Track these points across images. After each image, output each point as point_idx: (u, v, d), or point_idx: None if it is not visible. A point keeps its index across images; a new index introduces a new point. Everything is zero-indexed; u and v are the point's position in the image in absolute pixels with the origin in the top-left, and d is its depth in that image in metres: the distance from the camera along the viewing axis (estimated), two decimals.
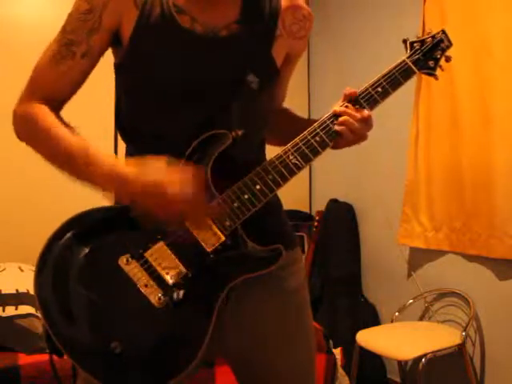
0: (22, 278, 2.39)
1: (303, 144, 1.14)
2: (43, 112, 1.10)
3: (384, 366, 3.06)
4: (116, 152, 2.94)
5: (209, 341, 1.08)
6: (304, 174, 3.69)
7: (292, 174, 1.13)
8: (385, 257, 3.15)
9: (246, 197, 1.09)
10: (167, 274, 1.08)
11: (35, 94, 1.12)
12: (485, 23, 2.44)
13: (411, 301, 2.85)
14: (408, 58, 1.19)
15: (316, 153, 1.15)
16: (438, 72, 1.20)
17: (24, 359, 2.01)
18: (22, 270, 2.47)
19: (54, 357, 1.33)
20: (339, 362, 2.50)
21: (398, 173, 2.93)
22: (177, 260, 1.08)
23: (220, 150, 1.08)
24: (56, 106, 1.13)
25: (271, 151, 1.22)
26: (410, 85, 2.78)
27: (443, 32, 1.22)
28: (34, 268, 2.57)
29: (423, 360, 2.36)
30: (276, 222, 1.24)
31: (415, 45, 1.20)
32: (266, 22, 1.17)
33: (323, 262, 3.35)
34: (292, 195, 3.70)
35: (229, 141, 1.08)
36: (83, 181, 1.06)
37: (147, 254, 1.08)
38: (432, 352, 2.38)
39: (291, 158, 1.13)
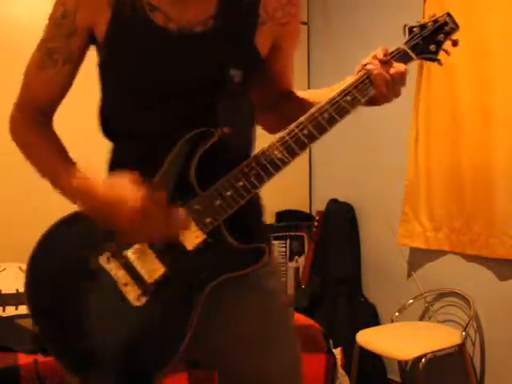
0: (22, 278, 2.38)
1: (290, 137, 1.07)
2: (27, 125, 1.15)
3: (384, 366, 3.06)
4: None
5: (190, 341, 1.07)
6: (304, 173, 3.69)
7: (277, 169, 1.07)
8: (385, 257, 3.15)
9: (228, 193, 1.06)
10: (146, 273, 1.08)
11: (27, 102, 1.16)
12: (485, 23, 2.44)
13: (411, 301, 2.85)
14: (405, 43, 1.15)
15: (303, 146, 1.08)
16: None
17: (24, 359, 2.01)
18: (22, 270, 2.47)
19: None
20: (339, 362, 2.50)
21: (398, 173, 2.93)
22: (157, 259, 1.08)
23: (205, 148, 1.06)
24: (47, 111, 1.16)
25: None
26: (410, 85, 2.79)
27: (448, 15, 1.17)
28: None
29: (423, 360, 2.36)
30: (257, 222, 1.22)
31: (414, 29, 1.16)
32: (245, 12, 1.14)
33: (323, 262, 3.35)
34: (292, 195, 3.71)
35: (214, 138, 1.06)
36: (59, 190, 1.11)
37: (128, 253, 1.08)
38: (432, 352, 2.38)
39: (276, 152, 1.07)
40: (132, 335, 1.08)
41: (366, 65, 1.13)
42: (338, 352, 2.54)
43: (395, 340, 2.54)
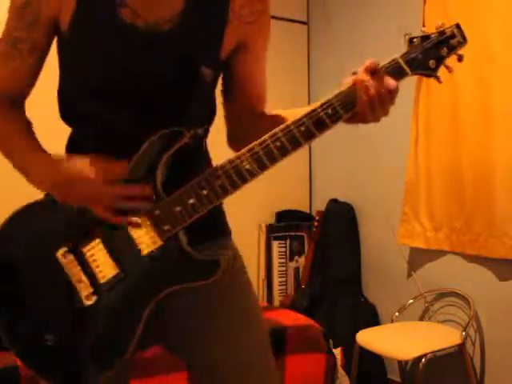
0: None
1: (261, 148, 1.00)
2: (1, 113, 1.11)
3: (384, 366, 3.06)
4: None
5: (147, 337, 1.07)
6: (304, 173, 3.69)
7: (244, 181, 1.01)
8: (385, 257, 3.15)
9: (190, 201, 1.01)
10: (100, 272, 1.06)
11: None
12: (485, 24, 2.44)
13: (411, 301, 2.85)
14: (402, 56, 1.02)
15: (273, 159, 1.00)
16: (443, 74, 1.04)
17: None
18: None
19: None
20: (339, 362, 2.50)
21: (398, 173, 2.93)
22: (111, 259, 1.05)
23: (174, 149, 1.02)
24: (18, 99, 1.14)
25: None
26: (410, 85, 2.79)
27: (457, 26, 1.05)
28: None
29: (423, 360, 2.36)
30: (217, 228, 1.18)
31: (414, 40, 1.03)
32: (214, 9, 1.09)
33: (323, 262, 3.35)
34: (292, 195, 3.71)
35: (185, 139, 1.02)
36: (22, 173, 1.10)
37: (84, 249, 1.06)
38: (432, 352, 2.38)
39: (245, 163, 1.00)
40: (84, 332, 1.07)
41: (353, 75, 1.04)
42: (338, 352, 2.54)
43: (395, 340, 2.54)
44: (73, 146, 1.15)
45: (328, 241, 3.33)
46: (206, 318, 1.15)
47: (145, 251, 1.04)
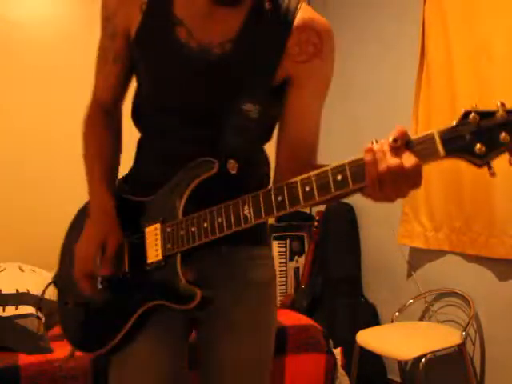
0: (21, 278, 2.39)
1: (263, 197, 0.98)
2: (91, 126, 1.24)
3: (384, 366, 3.06)
4: None
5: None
6: None
7: (237, 225, 1.01)
8: (385, 257, 3.15)
9: (192, 229, 1.06)
10: (119, 264, 1.16)
11: (94, 95, 1.25)
12: (485, 24, 2.44)
13: (411, 301, 2.85)
14: (440, 131, 0.80)
15: (269, 213, 0.98)
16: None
17: (24, 359, 2.01)
18: (22, 270, 2.47)
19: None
20: (339, 362, 2.50)
21: None
22: (126, 256, 1.16)
23: (202, 179, 1.07)
24: (108, 109, 1.25)
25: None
26: (410, 85, 2.79)
27: None
28: (34, 268, 2.59)
29: (423, 360, 2.36)
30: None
31: (471, 117, 0.78)
32: (270, 42, 1.08)
33: (323, 262, 3.35)
34: None
35: (213, 170, 1.05)
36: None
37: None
38: (432, 352, 2.38)
39: (245, 208, 1.00)
40: (92, 308, 1.20)
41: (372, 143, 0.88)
42: (338, 352, 2.54)
43: (395, 340, 2.54)
44: (139, 147, 1.25)
45: (328, 241, 3.33)
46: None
47: (148, 261, 1.13)
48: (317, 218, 3.44)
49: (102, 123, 1.24)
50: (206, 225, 1.05)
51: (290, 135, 1.15)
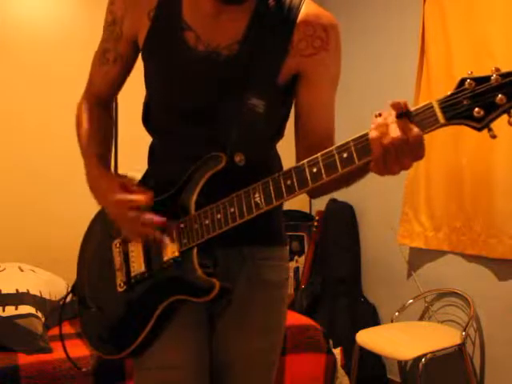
0: (21, 278, 2.39)
1: (272, 183, 1.01)
2: (86, 108, 1.27)
3: (384, 366, 3.06)
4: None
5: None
6: None
7: (250, 213, 1.03)
8: (385, 257, 3.15)
9: (206, 222, 1.08)
10: (133, 266, 1.19)
11: (89, 91, 1.30)
12: (485, 23, 2.44)
13: (411, 301, 2.85)
14: (439, 100, 0.86)
15: (280, 197, 1.00)
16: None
17: (24, 359, 2.01)
18: (22, 270, 2.47)
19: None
20: (339, 362, 2.50)
21: None
22: (142, 256, 1.18)
23: (211, 173, 1.09)
24: (102, 102, 1.29)
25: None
26: (410, 85, 2.79)
27: None
28: (33, 268, 2.59)
29: (423, 360, 2.36)
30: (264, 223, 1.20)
31: (467, 83, 0.84)
32: (275, 41, 1.11)
33: (323, 262, 3.35)
34: None
35: (221, 164, 1.08)
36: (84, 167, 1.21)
37: (129, 244, 1.20)
38: (432, 352, 2.38)
39: (256, 196, 1.03)
40: (114, 312, 1.21)
41: (377, 117, 0.89)
42: (337, 352, 2.54)
43: (395, 340, 2.54)
44: (151, 151, 1.28)
45: (328, 241, 3.33)
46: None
47: (165, 258, 1.14)
48: (317, 217, 3.44)
49: (95, 107, 1.28)
50: (219, 216, 1.07)
51: (304, 129, 1.19)
